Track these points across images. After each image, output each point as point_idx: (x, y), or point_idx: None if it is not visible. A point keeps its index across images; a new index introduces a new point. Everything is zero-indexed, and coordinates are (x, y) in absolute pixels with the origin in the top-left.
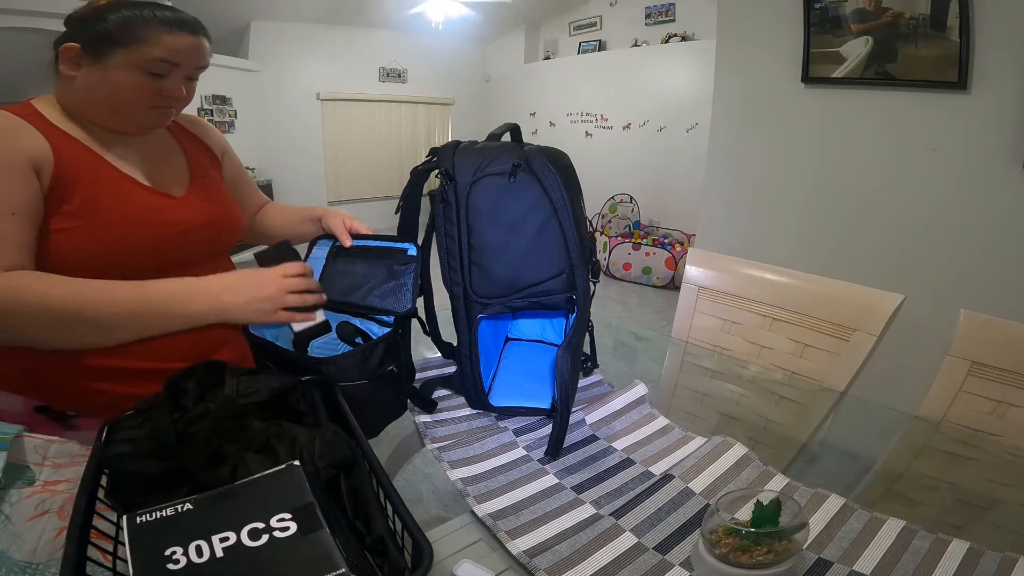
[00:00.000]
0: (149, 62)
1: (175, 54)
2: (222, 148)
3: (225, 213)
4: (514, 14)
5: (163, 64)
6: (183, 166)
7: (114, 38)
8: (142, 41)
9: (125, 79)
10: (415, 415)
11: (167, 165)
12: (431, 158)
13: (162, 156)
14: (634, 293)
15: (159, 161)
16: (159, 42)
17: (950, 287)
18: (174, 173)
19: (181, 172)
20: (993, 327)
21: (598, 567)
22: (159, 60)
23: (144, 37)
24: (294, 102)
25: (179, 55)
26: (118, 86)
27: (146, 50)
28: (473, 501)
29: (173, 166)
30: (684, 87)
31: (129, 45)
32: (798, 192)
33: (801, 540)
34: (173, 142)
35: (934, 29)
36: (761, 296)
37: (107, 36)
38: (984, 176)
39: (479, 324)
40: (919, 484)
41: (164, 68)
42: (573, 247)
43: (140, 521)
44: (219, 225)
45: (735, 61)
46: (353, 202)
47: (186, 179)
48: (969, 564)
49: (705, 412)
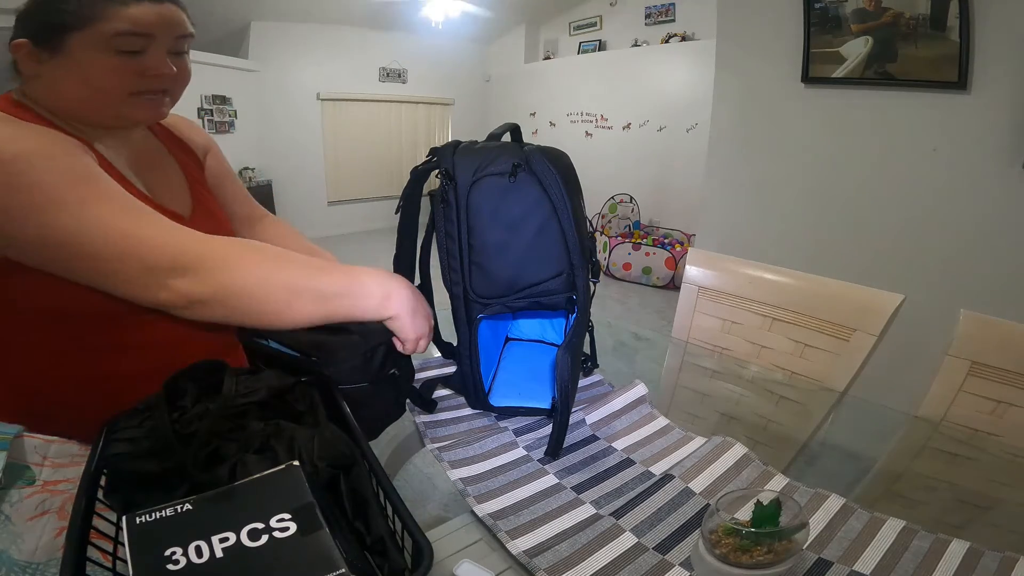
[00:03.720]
0: (115, 39)
1: (142, 25)
2: (205, 147)
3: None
4: (514, 14)
5: (132, 39)
6: (180, 178)
7: (64, 24)
8: (96, 19)
9: (95, 64)
10: (415, 415)
11: (165, 177)
12: (431, 158)
13: (158, 166)
14: (634, 293)
15: (157, 173)
16: (117, 15)
17: (950, 287)
18: (172, 186)
19: (179, 185)
20: (993, 327)
21: (598, 567)
22: (125, 35)
23: (96, 14)
24: (294, 102)
25: (147, 26)
26: (90, 73)
27: (104, 27)
28: (473, 501)
29: (170, 178)
30: (684, 87)
31: (83, 27)
32: (798, 192)
33: (801, 540)
34: (164, 150)
35: (934, 29)
36: (761, 296)
37: (55, 23)
38: (984, 176)
39: (479, 324)
40: (919, 484)
41: (136, 43)
42: (573, 247)
43: (140, 521)
44: None
45: (735, 61)
46: (353, 202)
47: (186, 194)
48: (969, 564)
49: (705, 412)
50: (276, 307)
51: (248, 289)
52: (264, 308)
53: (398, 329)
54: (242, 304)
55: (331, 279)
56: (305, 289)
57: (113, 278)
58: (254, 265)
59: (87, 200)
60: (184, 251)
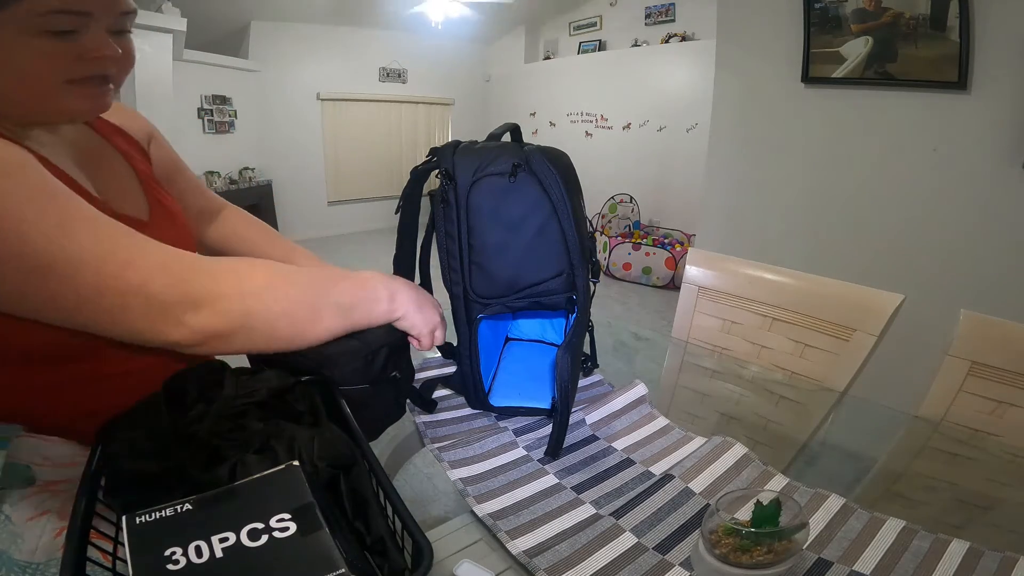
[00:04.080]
0: (42, 18)
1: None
2: (147, 134)
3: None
4: (514, 14)
5: (66, 17)
6: (130, 175)
7: None
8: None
9: (22, 48)
10: (415, 415)
11: (114, 177)
12: (431, 158)
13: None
14: (634, 293)
15: (105, 172)
16: None
17: (950, 287)
18: (124, 187)
19: (131, 184)
20: (993, 327)
21: (598, 567)
22: (55, 12)
23: None
24: (294, 102)
25: (83, 1)
26: (17, 60)
27: (31, 4)
28: (473, 501)
29: (120, 177)
30: (684, 87)
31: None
32: (798, 192)
33: (801, 540)
34: (105, 143)
35: (934, 29)
36: (761, 296)
37: None
38: (984, 176)
39: (479, 324)
40: (919, 484)
41: (70, 22)
42: (573, 247)
43: (139, 521)
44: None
45: (735, 61)
46: (353, 202)
47: (140, 193)
48: (969, 564)
49: (705, 412)
50: (301, 328)
51: (274, 315)
52: (290, 332)
53: (409, 327)
54: (267, 331)
55: (345, 289)
56: (326, 305)
57: (110, 319)
58: (274, 287)
59: (64, 224)
60: (194, 278)
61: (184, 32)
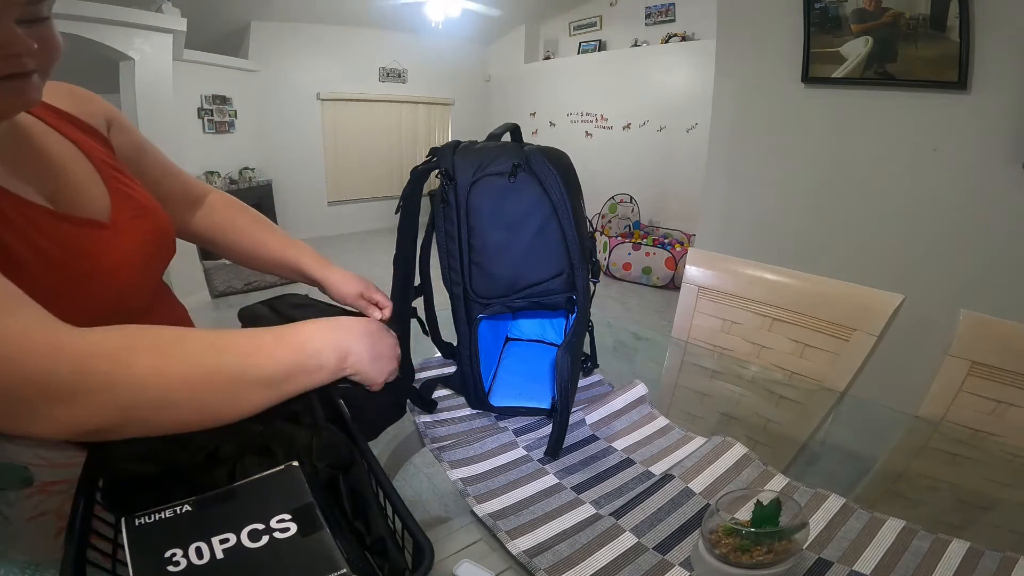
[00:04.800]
0: None
1: None
2: (107, 118)
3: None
4: (514, 14)
5: None
6: (86, 167)
7: None
8: None
9: None
10: (415, 415)
11: (64, 173)
12: (431, 158)
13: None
14: (634, 293)
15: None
16: None
17: (950, 287)
18: (78, 183)
19: (88, 177)
20: (993, 327)
21: (598, 567)
22: None
23: None
24: (294, 102)
25: None
26: None
27: None
28: (473, 501)
29: (72, 171)
30: (684, 87)
31: None
32: (798, 192)
33: (801, 540)
34: (56, 135)
35: (934, 29)
36: (761, 296)
37: None
38: (984, 176)
39: (479, 324)
40: (919, 484)
41: None
42: (573, 247)
43: (139, 523)
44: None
45: (735, 61)
46: (353, 202)
47: (99, 186)
48: (969, 564)
49: (705, 412)
50: (215, 411)
51: (170, 403)
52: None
53: (362, 381)
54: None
55: (277, 357)
56: (248, 383)
57: None
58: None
59: None
60: (56, 370)
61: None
